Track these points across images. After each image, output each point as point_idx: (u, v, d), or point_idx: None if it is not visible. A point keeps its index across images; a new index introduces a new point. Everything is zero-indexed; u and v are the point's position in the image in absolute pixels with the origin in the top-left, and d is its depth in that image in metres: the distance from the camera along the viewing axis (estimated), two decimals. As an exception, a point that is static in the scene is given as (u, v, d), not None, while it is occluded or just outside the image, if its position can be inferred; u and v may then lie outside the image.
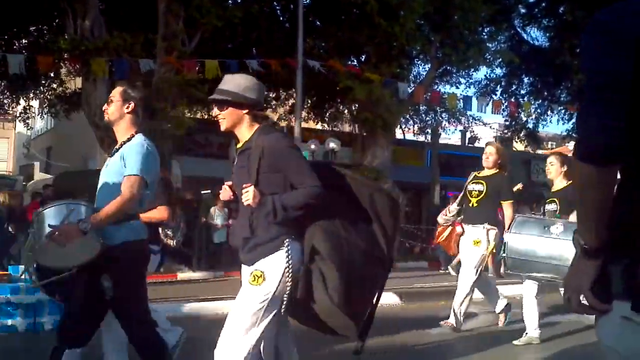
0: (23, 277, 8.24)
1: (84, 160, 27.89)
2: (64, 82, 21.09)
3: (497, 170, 7.70)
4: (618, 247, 1.81)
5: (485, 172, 7.82)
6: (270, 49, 18.59)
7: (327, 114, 25.27)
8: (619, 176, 1.82)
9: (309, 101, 23.97)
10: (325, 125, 26.88)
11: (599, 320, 1.89)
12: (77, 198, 12.04)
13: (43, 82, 21.13)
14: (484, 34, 21.51)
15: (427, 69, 22.35)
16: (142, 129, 4.38)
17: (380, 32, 17.33)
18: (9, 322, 7.71)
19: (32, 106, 23.51)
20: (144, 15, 16.59)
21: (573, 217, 5.73)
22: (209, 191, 16.61)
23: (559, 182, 7.07)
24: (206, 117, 24.33)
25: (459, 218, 8.00)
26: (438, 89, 22.89)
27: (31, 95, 22.60)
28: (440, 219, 8.37)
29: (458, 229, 8.00)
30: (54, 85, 21.54)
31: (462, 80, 25.38)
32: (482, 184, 7.68)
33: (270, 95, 24.48)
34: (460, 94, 21.74)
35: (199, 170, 20.46)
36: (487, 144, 8.30)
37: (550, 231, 5.66)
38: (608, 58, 1.75)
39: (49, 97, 22.23)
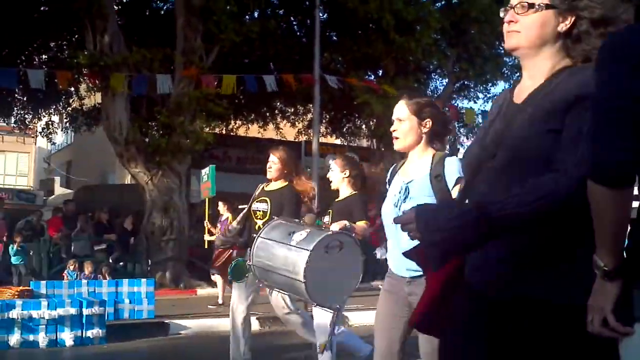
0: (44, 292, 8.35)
1: (103, 174, 28.14)
2: (84, 97, 21.26)
3: (284, 183, 6.37)
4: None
5: (271, 186, 6.50)
6: (287, 64, 18.66)
7: (345, 128, 25.27)
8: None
9: (327, 116, 23.99)
10: (343, 140, 26.88)
11: (623, 341, 1.88)
12: (97, 212, 12.02)
13: (63, 97, 21.31)
14: (501, 48, 21.45)
15: (444, 83, 22.33)
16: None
17: (396, 47, 17.35)
18: (31, 337, 7.77)
19: (53, 121, 23.71)
20: (162, 30, 16.74)
21: (335, 226, 4.94)
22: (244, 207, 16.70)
23: (344, 190, 5.88)
24: (224, 131, 24.44)
25: (240, 240, 6.51)
26: (456, 104, 22.86)
27: (52, 110, 22.80)
28: (218, 240, 7.33)
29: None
30: (73, 101, 21.71)
31: (480, 95, 25.31)
32: (266, 201, 6.32)
33: (288, 110, 24.55)
34: (479, 109, 21.72)
35: (218, 184, 20.50)
36: (271, 150, 6.63)
37: (292, 238, 4.38)
38: (630, 81, 1.72)
39: (69, 112, 22.42)
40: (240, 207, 19.26)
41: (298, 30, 20.94)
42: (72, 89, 18.99)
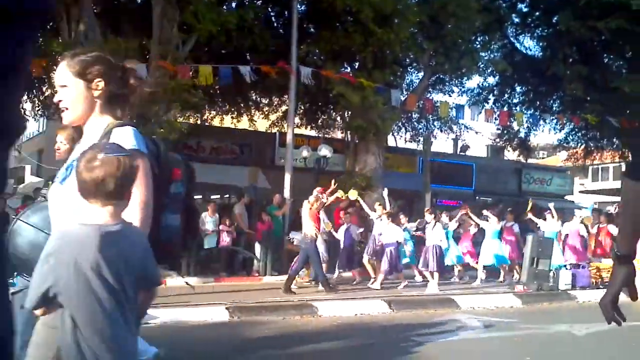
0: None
1: (75, 163, 27.85)
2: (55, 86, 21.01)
3: None
4: None
5: None
6: (264, 55, 18.62)
7: (320, 120, 25.31)
8: None
9: (302, 107, 24.00)
10: (318, 132, 26.91)
11: None
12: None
13: (36, 84, 21.07)
14: (477, 42, 21.60)
15: (420, 77, 22.42)
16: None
17: (374, 40, 17.38)
18: None
19: (25, 109, 23.44)
20: (138, 20, 16.61)
21: None
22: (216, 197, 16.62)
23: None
24: (198, 121, 24.36)
25: None
26: (431, 97, 22.96)
27: (25, 98, 22.54)
28: None
29: None
30: (46, 89, 21.48)
31: (455, 89, 25.46)
32: None
33: (263, 101, 24.52)
34: (453, 103, 21.82)
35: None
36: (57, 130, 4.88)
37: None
38: None
39: (41, 100, 22.18)
40: (213, 197, 19.18)
41: (275, 22, 20.91)
42: (45, 77, 18.77)
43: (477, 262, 15.55)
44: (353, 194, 15.40)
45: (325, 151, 20.72)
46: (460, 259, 15.63)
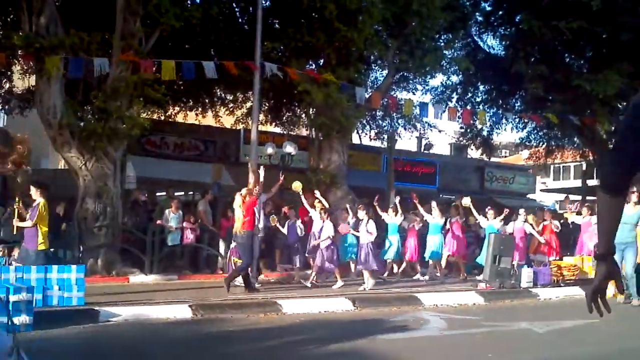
0: None
1: (36, 159, 27.43)
2: (14, 80, 20.65)
3: None
4: None
5: None
6: (228, 51, 18.50)
7: (285, 117, 25.25)
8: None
9: (267, 104, 23.91)
10: (283, 129, 26.85)
11: None
12: (29, 197, 11.62)
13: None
14: (441, 41, 21.70)
15: (384, 74, 22.47)
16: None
17: (338, 37, 17.36)
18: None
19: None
20: (101, 13, 16.35)
21: None
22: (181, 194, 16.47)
23: None
24: (162, 117, 24.12)
25: None
26: (395, 95, 23.03)
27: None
28: None
29: None
30: (5, 82, 21.08)
31: (419, 87, 25.59)
32: None
33: (228, 97, 24.37)
34: (417, 101, 21.91)
35: (154, 171, 20.28)
36: None
37: None
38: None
39: (1, 94, 21.76)
40: (176, 194, 19.05)
41: (240, 17, 20.77)
42: (5, 71, 18.47)
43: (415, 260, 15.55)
44: (297, 187, 15.30)
45: (289, 148, 20.65)
46: (396, 254, 15.34)
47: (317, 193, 15.32)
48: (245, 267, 12.36)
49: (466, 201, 15.89)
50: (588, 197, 19.38)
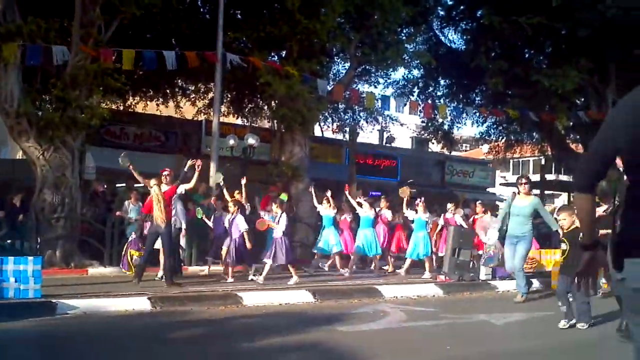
0: None
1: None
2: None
3: None
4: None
5: None
6: (190, 41, 18.34)
7: (247, 109, 25.14)
8: None
9: (229, 95, 23.78)
10: (245, 121, 26.73)
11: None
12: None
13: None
14: (402, 34, 21.79)
15: (346, 67, 22.50)
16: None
17: (300, 29, 17.33)
18: None
19: None
20: (59, 0, 16.07)
21: None
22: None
23: None
24: (122, 107, 23.82)
25: None
26: (357, 88, 23.07)
27: None
28: None
29: None
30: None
31: (381, 80, 25.65)
32: None
33: (189, 88, 24.17)
34: (379, 94, 21.99)
35: (114, 161, 20.02)
36: None
37: None
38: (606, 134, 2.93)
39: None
40: (136, 185, 18.82)
41: (202, 7, 20.61)
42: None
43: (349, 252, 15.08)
44: (218, 177, 15.06)
45: (251, 140, 20.59)
46: (323, 250, 14.77)
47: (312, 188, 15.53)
48: (167, 260, 11.93)
49: (402, 192, 15.49)
50: (547, 191, 19.63)
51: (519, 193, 11.38)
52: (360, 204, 14.95)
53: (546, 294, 12.18)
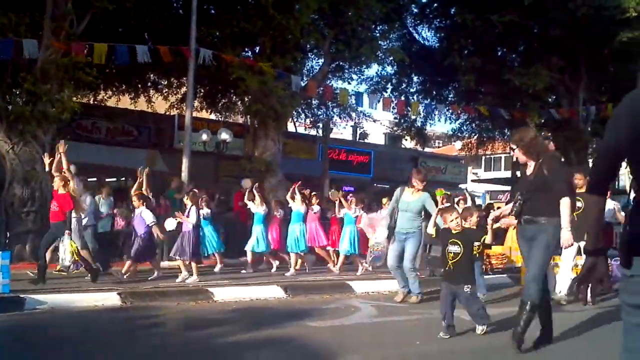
0: None
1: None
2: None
3: None
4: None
5: None
6: (163, 36, 18.25)
7: (220, 104, 25.07)
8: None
9: (202, 90, 23.70)
10: (218, 116, 26.66)
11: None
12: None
13: None
14: (376, 31, 21.86)
15: (320, 63, 22.53)
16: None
17: (274, 25, 17.32)
18: None
19: None
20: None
21: None
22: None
23: None
24: (93, 102, 23.64)
25: None
26: (330, 84, 23.13)
27: None
28: None
29: None
30: None
31: (354, 77, 25.71)
32: None
33: (162, 82, 24.04)
34: (352, 90, 22.06)
35: (85, 156, 19.88)
36: None
37: None
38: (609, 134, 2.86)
39: None
40: (108, 180, 18.64)
41: (175, 2, 20.49)
42: None
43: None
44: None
45: (225, 135, 20.57)
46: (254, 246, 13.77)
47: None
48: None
49: (332, 195, 14.91)
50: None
51: (410, 187, 10.53)
52: (293, 197, 14.12)
53: (517, 290, 12.30)
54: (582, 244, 9.88)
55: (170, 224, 12.39)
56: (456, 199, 15.64)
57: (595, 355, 6.91)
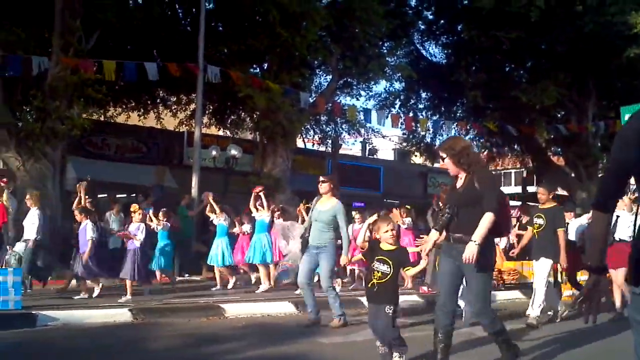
0: None
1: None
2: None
3: None
4: None
5: None
6: (171, 52, 18.35)
7: (229, 120, 25.14)
8: None
9: (210, 107, 23.77)
10: (227, 132, 26.72)
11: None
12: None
13: None
14: (384, 48, 21.93)
15: (328, 79, 22.59)
16: None
17: (281, 42, 17.40)
18: None
19: None
20: (39, 9, 16.02)
21: None
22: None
23: None
24: (102, 118, 23.75)
25: None
26: (339, 100, 23.18)
27: None
28: None
29: None
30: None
31: (363, 93, 25.77)
32: None
33: (171, 99, 24.15)
34: (361, 106, 22.11)
35: (95, 172, 19.93)
36: None
37: None
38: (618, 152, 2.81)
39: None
40: (118, 196, 18.64)
41: (183, 19, 20.63)
42: None
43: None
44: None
45: (234, 151, 20.60)
46: (214, 259, 13.34)
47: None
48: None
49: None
50: (529, 203, 19.64)
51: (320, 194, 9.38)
52: (257, 207, 13.50)
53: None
54: (547, 261, 9.62)
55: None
56: None
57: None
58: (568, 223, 11.38)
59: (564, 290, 11.15)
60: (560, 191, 26.97)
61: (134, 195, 22.90)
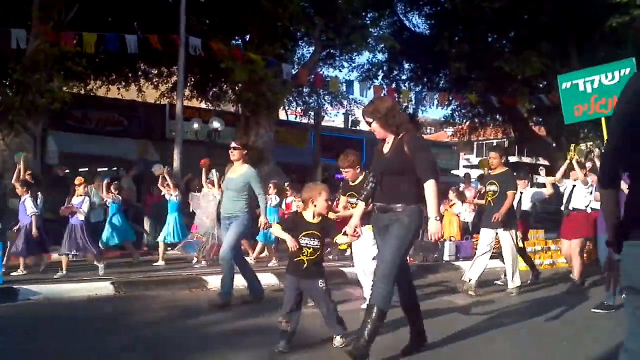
0: None
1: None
2: None
3: None
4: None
5: None
6: (152, 25, 18.17)
7: (211, 93, 25.02)
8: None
9: (192, 79, 23.62)
10: (209, 104, 26.60)
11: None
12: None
13: None
14: (367, 19, 21.83)
15: (310, 51, 22.50)
16: None
17: (263, 13, 17.26)
18: None
19: None
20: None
21: None
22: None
23: None
24: (83, 91, 23.55)
25: None
26: (321, 72, 23.10)
27: None
28: None
29: None
30: None
31: (345, 64, 25.72)
32: None
33: (152, 71, 23.96)
34: (343, 78, 22.07)
35: (76, 146, 19.84)
36: None
37: None
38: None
39: None
40: (100, 170, 18.57)
41: (164, -10, 20.41)
42: None
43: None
44: (157, 169, 13.71)
45: (216, 124, 20.55)
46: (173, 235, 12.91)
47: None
48: None
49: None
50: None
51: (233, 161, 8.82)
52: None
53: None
54: (507, 232, 9.63)
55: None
56: (461, 187, 15.72)
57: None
58: (522, 192, 11.54)
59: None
60: (542, 161, 27.16)
61: (115, 168, 22.83)
